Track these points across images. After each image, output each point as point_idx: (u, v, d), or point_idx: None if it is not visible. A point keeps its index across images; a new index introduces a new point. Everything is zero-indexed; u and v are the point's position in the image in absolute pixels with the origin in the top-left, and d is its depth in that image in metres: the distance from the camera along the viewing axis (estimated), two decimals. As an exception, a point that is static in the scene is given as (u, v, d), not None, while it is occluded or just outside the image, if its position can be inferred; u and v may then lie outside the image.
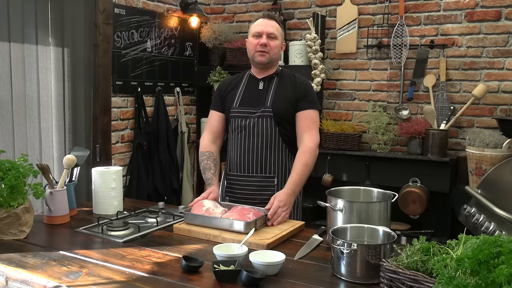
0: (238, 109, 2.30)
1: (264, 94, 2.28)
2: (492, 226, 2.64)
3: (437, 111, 3.47)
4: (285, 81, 2.31)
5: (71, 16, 3.14)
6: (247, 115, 2.26)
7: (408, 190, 3.33)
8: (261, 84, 2.31)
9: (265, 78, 2.32)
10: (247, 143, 2.26)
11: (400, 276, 1.21)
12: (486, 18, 3.39)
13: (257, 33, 2.25)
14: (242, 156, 2.28)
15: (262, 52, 2.24)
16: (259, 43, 2.24)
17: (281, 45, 2.32)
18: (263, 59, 2.25)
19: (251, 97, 2.30)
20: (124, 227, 1.91)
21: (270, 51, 2.24)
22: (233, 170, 2.32)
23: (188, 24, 4.13)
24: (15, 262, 1.56)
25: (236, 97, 2.32)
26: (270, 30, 2.24)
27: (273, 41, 2.25)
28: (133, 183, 3.60)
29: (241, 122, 2.27)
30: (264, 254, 1.53)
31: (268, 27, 2.25)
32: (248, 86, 2.34)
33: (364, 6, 3.78)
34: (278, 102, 2.24)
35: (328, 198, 1.80)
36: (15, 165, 1.81)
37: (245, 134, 2.27)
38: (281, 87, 2.29)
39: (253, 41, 2.27)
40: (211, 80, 4.02)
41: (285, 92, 2.27)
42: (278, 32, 2.28)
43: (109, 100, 3.44)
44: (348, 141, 3.62)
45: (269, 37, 2.24)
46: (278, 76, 2.32)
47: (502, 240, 1.08)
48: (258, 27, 2.26)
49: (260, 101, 2.27)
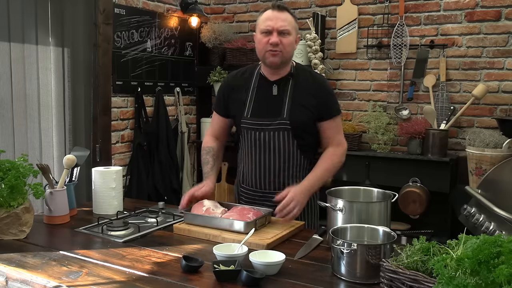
0: (251, 120, 2.05)
1: (280, 102, 2.02)
2: (492, 226, 2.63)
3: (437, 111, 3.47)
4: (301, 84, 2.05)
5: (71, 16, 3.14)
6: (261, 128, 2.03)
7: (408, 190, 3.33)
8: (274, 89, 2.04)
9: (278, 81, 2.05)
10: (262, 158, 2.06)
11: (400, 276, 1.21)
12: (486, 18, 3.39)
13: (266, 29, 1.95)
14: (257, 172, 2.09)
15: (274, 51, 1.95)
16: (269, 42, 1.95)
17: (296, 39, 2.02)
18: (276, 60, 1.97)
19: (264, 105, 2.04)
20: (124, 227, 1.91)
21: (283, 50, 1.96)
22: (247, 184, 2.16)
23: (188, 24, 4.13)
24: (15, 262, 1.56)
25: (247, 104, 2.07)
26: (281, 26, 1.94)
27: (286, 38, 1.95)
28: (133, 183, 3.60)
29: (255, 136, 2.05)
30: (264, 254, 1.53)
31: (278, 21, 1.94)
32: (260, 91, 2.07)
33: (364, 6, 3.78)
34: (296, 112, 2.00)
35: (328, 198, 1.80)
36: (15, 165, 1.81)
37: (260, 148, 2.06)
38: (298, 92, 2.03)
39: (262, 39, 1.97)
40: (211, 80, 4.02)
41: (302, 99, 2.02)
42: (291, 25, 1.97)
43: (109, 100, 3.44)
44: (348, 141, 3.58)
45: (280, 34, 1.94)
46: (293, 78, 2.05)
47: (502, 240, 1.08)
48: (267, 22, 1.95)
49: (275, 111, 2.02)
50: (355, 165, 3.59)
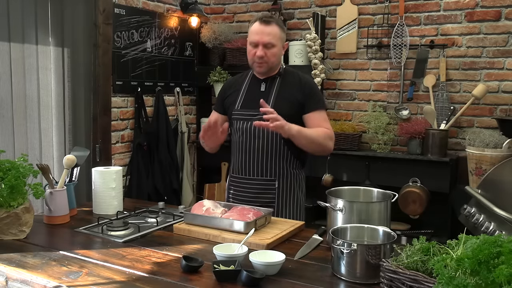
0: (240, 111, 2.28)
1: (266, 96, 2.22)
2: (492, 226, 2.64)
3: (437, 111, 3.47)
4: (288, 82, 2.26)
5: (71, 16, 3.14)
6: (249, 118, 2.23)
7: (408, 190, 3.33)
8: (263, 86, 2.27)
9: (267, 79, 2.28)
10: (249, 146, 2.25)
11: (400, 276, 1.21)
12: (486, 18, 3.39)
13: (253, 42, 2.18)
14: (244, 159, 2.27)
15: (260, 63, 2.19)
16: (256, 54, 2.17)
17: (282, 47, 2.24)
18: (262, 70, 2.23)
19: (252, 98, 2.24)
20: (124, 227, 1.91)
21: (268, 61, 2.19)
22: (236, 172, 2.33)
23: (188, 24, 4.13)
24: (15, 262, 1.56)
25: (238, 99, 2.30)
26: (266, 40, 2.15)
27: (271, 50, 2.17)
28: (133, 183, 3.60)
29: (243, 125, 2.25)
30: (264, 254, 1.53)
31: (264, 36, 2.15)
32: (250, 88, 2.31)
33: (364, 6, 3.78)
34: (280, 104, 2.18)
35: (328, 198, 1.80)
36: (15, 165, 1.81)
37: (247, 136, 2.25)
38: (284, 88, 2.25)
39: (250, 50, 2.21)
40: (211, 80, 4.02)
41: (288, 94, 2.23)
42: (276, 38, 2.18)
43: (109, 100, 3.44)
44: (348, 141, 3.62)
45: (266, 47, 2.16)
46: (280, 77, 2.27)
47: (502, 240, 1.08)
48: (254, 36, 2.18)
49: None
50: (355, 165, 3.60)
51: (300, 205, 2.32)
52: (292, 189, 2.28)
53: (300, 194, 2.33)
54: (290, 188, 2.28)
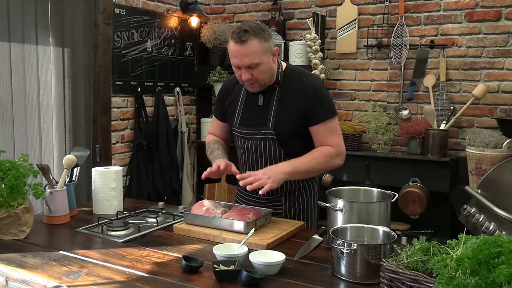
0: (239, 129, 2.10)
1: (265, 112, 2.02)
2: (492, 226, 2.64)
3: (437, 111, 3.47)
4: (289, 90, 2.02)
5: (71, 16, 3.14)
6: (249, 137, 2.07)
7: (408, 190, 3.33)
8: (260, 99, 2.05)
9: (264, 91, 2.03)
10: (252, 164, 2.10)
11: (400, 276, 1.21)
12: (486, 18, 3.39)
13: (234, 66, 1.95)
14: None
15: (250, 84, 1.97)
16: (241, 77, 1.95)
17: (271, 58, 1.95)
18: (254, 89, 2.00)
19: (250, 115, 2.06)
20: (124, 227, 1.91)
21: (257, 79, 1.94)
22: (242, 187, 2.15)
23: (188, 24, 4.13)
24: (15, 262, 1.56)
25: (236, 113, 2.11)
26: (247, 62, 1.88)
27: (256, 70, 1.91)
28: (133, 183, 3.60)
29: (244, 143, 2.10)
30: (264, 254, 1.53)
31: (242, 58, 1.88)
32: (247, 101, 2.09)
33: (364, 6, 3.78)
34: (280, 121, 1.99)
35: (328, 198, 1.80)
36: (15, 165, 1.81)
37: (250, 155, 2.10)
38: (285, 98, 2.01)
39: (236, 71, 1.97)
40: (211, 80, 4.02)
41: (289, 106, 2.00)
42: (258, 54, 1.88)
43: (109, 100, 3.44)
44: (348, 141, 3.62)
45: (249, 68, 1.90)
46: (280, 86, 2.03)
47: (502, 240, 1.08)
48: (233, 59, 1.92)
49: (261, 121, 2.03)
50: (355, 165, 3.60)
51: (311, 215, 2.17)
52: (299, 203, 2.15)
53: (310, 205, 2.18)
54: (297, 202, 2.15)
